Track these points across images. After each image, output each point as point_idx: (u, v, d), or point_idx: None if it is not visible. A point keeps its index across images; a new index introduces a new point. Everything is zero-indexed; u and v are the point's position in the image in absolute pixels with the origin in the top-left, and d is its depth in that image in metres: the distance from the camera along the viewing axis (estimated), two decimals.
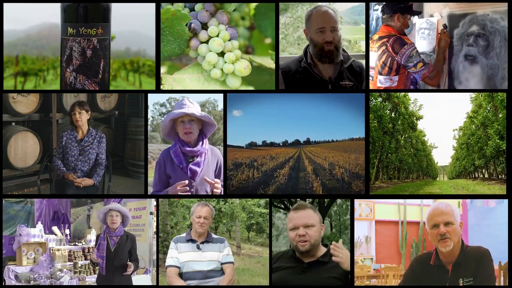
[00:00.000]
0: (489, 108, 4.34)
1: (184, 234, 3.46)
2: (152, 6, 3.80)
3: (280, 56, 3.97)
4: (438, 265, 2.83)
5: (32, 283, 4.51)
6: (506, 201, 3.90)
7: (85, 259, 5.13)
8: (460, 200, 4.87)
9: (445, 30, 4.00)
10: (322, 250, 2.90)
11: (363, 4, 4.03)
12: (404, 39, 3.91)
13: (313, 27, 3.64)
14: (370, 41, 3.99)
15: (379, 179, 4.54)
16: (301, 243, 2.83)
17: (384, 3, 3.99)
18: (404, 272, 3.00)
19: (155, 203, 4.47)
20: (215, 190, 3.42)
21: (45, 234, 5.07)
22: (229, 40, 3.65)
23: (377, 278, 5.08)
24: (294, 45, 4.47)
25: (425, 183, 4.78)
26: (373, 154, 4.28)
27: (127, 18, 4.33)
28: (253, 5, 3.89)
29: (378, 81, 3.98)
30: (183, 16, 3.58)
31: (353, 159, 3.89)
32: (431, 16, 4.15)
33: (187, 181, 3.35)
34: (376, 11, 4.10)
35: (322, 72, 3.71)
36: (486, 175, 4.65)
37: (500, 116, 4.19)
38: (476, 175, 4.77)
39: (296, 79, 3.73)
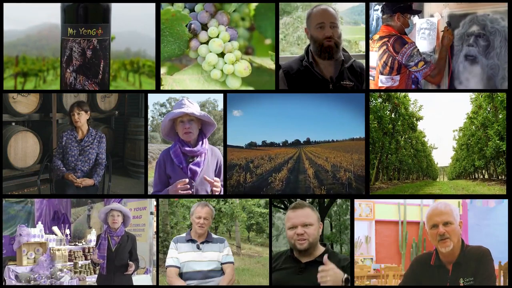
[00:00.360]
0: (489, 109, 4.34)
1: (184, 234, 3.46)
2: (152, 6, 3.80)
3: (280, 56, 3.98)
4: (438, 265, 2.82)
5: (32, 283, 4.52)
6: (506, 201, 3.90)
7: (85, 259, 5.13)
8: (460, 200, 4.87)
9: (448, 28, 4.00)
10: (320, 249, 2.90)
11: (363, 4, 4.03)
12: (405, 39, 3.91)
13: (313, 24, 3.66)
14: (370, 41, 3.98)
15: (379, 180, 4.54)
16: (299, 242, 2.83)
17: (384, 3, 3.99)
18: (405, 272, 3.00)
19: (155, 203, 4.47)
20: (214, 189, 3.42)
21: (45, 234, 5.07)
22: (229, 41, 3.66)
23: (377, 278, 5.08)
24: (294, 45, 4.47)
25: (425, 183, 4.77)
26: (373, 155, 4.28)
27: (127, 18, 4.33)
28: (253, 6, 3.89)
29: (379, 81, 3.98)
30: (183, 17, 3.59)
31: (356, 160, 3.87)
32: (432, 16, 4.14)
33: (187, 179, 3.35)
34: (376, 11, 4.09)
35: (323, 71, 3.72)
36: (486, 176, 4.65)
37: (500, 117, 4.19)
38: (476, 176, 4.77)
39: (297, 78, 3.73)
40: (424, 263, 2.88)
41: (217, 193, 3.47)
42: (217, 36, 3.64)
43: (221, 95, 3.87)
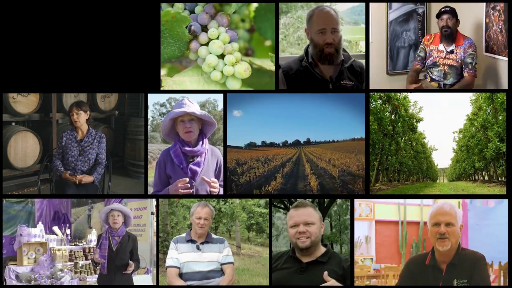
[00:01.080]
0: (489, 110, 4.33)
1: (184, 234, 3.47)
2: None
3: (280, 56, 3.98)
4: (433, 265, 2.88)
5: (32, 283, 4.52)
6: (506, 201, 3.90)
7: (86, 259, 5.13)
8: (460, 200, 4.86)
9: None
10: (322, 250, 2.91)
11: (363, 4, 4.03)
12: None
13: (314, 28, 3.65)
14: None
15: (379, 182, 4.53)
16: (301, 240, 2.84)
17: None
18: (400, 273, 3.03)
19: (155, 203, 4.47)
20: (212, 189, 3.42)
21: (46, 234, 5.07)
22: (229, 43, 3.66)
23: (377, 278, 5.08)
24: (294, 46, 4.47)
25: (425, 185, 4.77)
26: (373, 156, 4.27)
27: None
28: (253, 7, 3.89)
29: None
30: (183, 19, 3.59)
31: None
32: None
33: (187, 178, 3.35)
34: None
35: (323, 71, 3.72)
36: (486, 178, 4.64)
37: (500, 118, 4.18)
38: (476, 177, 4.76)
39: (297, 79, 3.73)
40: (419, 263, 2.95)
41: (214, 194, 3.48)
42: (217, 38, 3.64)
43: (221, 95, 3.87)
